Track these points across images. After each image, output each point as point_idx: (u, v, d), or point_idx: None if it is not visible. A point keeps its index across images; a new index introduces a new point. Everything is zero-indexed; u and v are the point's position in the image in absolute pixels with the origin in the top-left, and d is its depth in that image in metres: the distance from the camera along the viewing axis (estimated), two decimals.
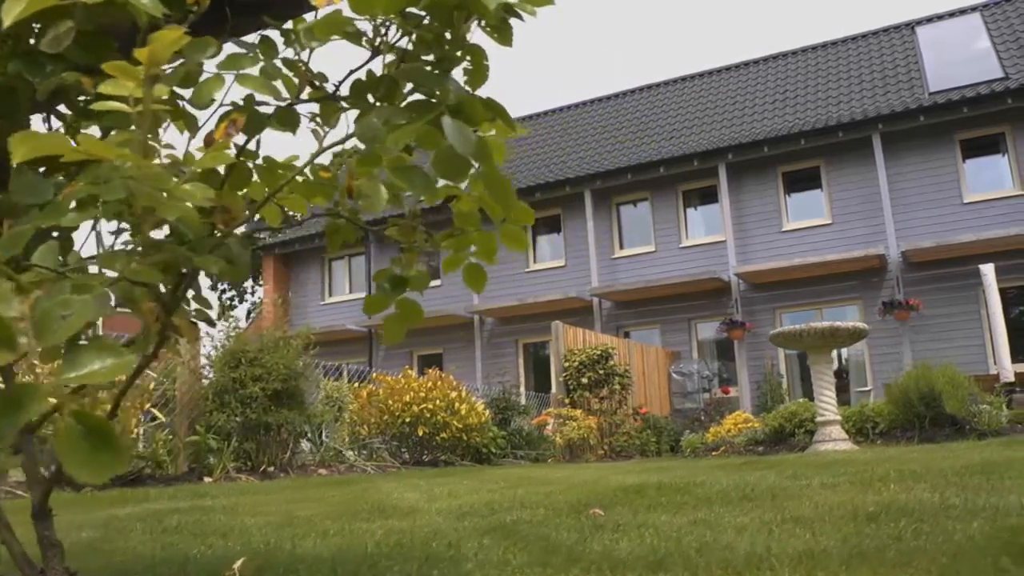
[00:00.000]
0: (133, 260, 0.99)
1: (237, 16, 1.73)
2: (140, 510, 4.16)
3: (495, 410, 11.95)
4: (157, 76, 0.95)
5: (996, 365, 12.62)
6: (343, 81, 1.34)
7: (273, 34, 1.51)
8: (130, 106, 0.98)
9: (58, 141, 0.96)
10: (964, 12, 18.52)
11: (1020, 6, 17.49)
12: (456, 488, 4.94)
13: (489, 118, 1.37)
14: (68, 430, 0.90)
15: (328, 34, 1.16)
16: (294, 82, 1.26)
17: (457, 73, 1.40)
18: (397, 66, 1.23)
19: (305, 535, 2.82)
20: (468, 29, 1.41)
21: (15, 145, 0.90)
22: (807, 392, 13.43)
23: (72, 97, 1.49)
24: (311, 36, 1.18)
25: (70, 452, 0.90)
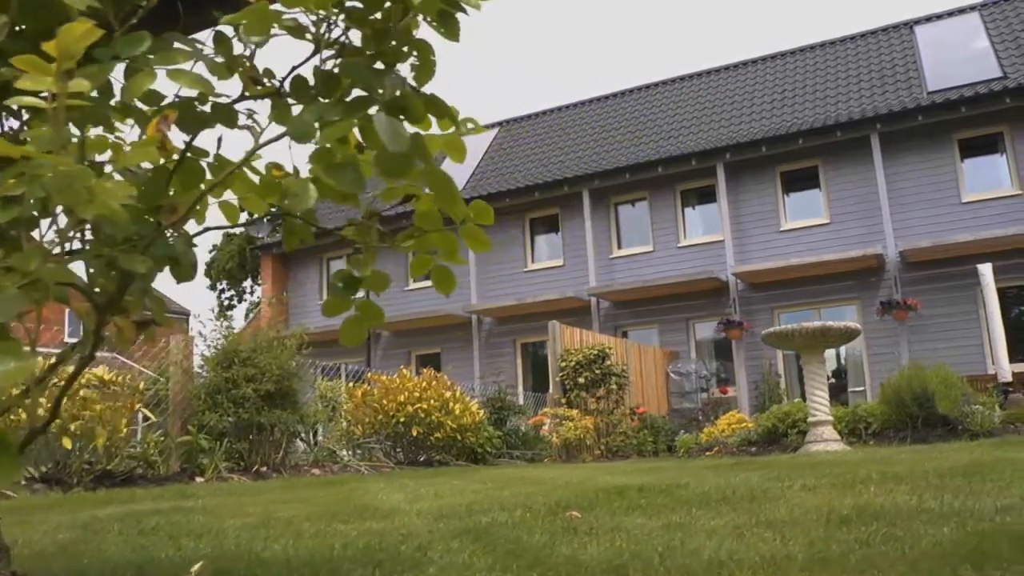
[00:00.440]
0: (49, 260, 0.97)
1: (190, 14, 1.70)
2: (122, 511, 4.14)
3: (490, 410, 11.92)
4: (71, 71, 0.92)
5: (994, 365, 12.57)
6: (287, 77, 1.32)
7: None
8: (47, 102, 0.96)
9: None
10: (963, 12, 18.47)
11: (1019, 6, 17.44)
12: (443, 489, 4.92)
13: (441, 116, 1.35)
14: None
15: (261, 29, 1.13)
16: (226, 73, 1.23)
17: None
18: (335, 62, 1.20)
19: (279, 537, 2.79)
20: (416, 24, 1.39)
21: None
22: (805, 392, 13.39)
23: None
24: (249, 31, 1.16)
25: None
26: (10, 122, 1.57)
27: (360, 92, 1.30)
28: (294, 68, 1.29)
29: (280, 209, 1.71)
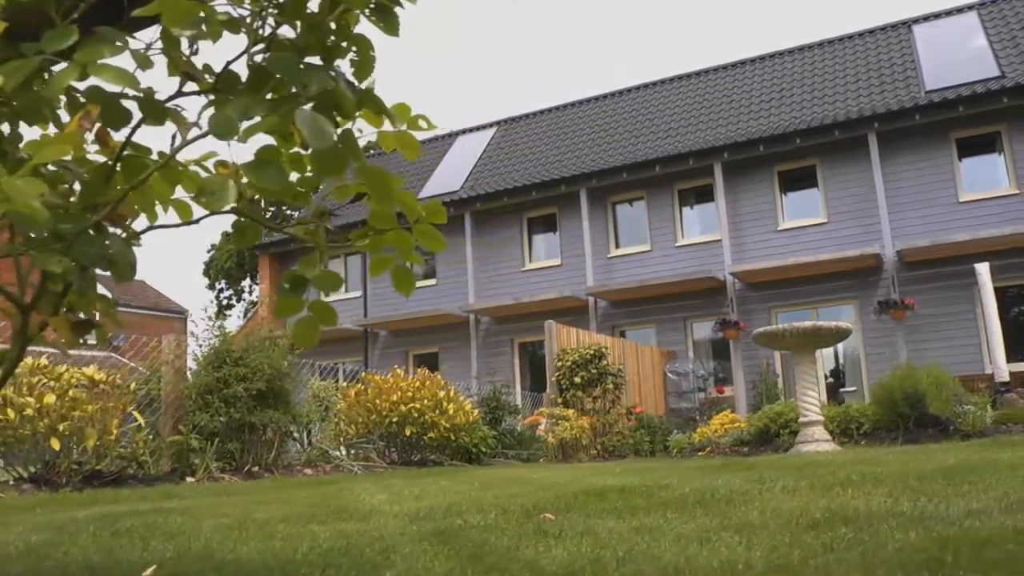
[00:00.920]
0: None
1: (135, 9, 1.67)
2: (103, 511, 4.12)
3: (485, 409, 11.90)
4: None
5: (992, 365, 12.53)
6: (221, 73, 1.29)
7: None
8: None
9: None
10: (961, 11, 18.42)
11: (1017, 5, 17.39)
12: (428, 489, 4.89)
13: (378, 112, 1.32)
14: None
15: (180, 21, 1.11)
16: (149, 65, 1.20)
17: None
18: (264, 56, 1.18)
19: (250, 538, 2.77)
20: (356, 20, 1.36)
21: None
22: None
23: None
24: (167, 22, 1.13)
25: None
26: None
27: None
28: (228, 63, 1.26)
29: (231, 209, 1.69)
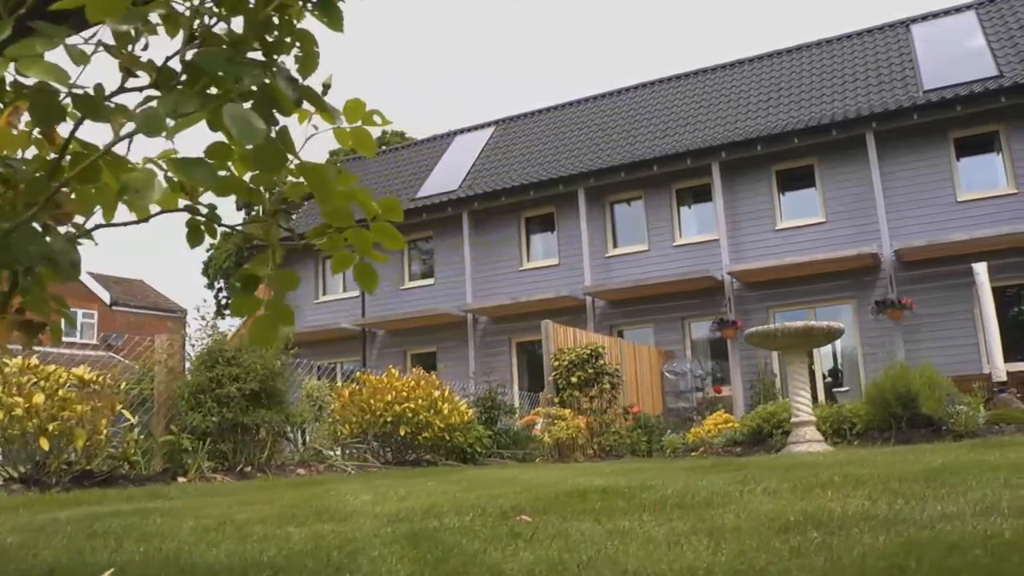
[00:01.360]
0: None
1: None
2: (85, 512, 4.10)
3: (481, 409, 11.87)
4: None
5: (989, 364, 12.50)
6: (160, 69, 1.26)
7: None
8: None
9: None
10: (959, 10, 18.38)
11: (1015, 4, 17.34)
12: (414, 490, 4.87)
13: (321, 109, 1.30)
14: None
15: (107, 13, 1.08)
16: (85, 60, 1.18)
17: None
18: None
19: (225, 540, 2.75)
20: (301, 15, 1.34)
21: None
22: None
23: None
24: (93, 15, 1.10)
25: None
26: None
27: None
28: (167, 59, 1.24)
29: (184, 207, 1.66)
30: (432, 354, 19.85)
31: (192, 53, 1.17)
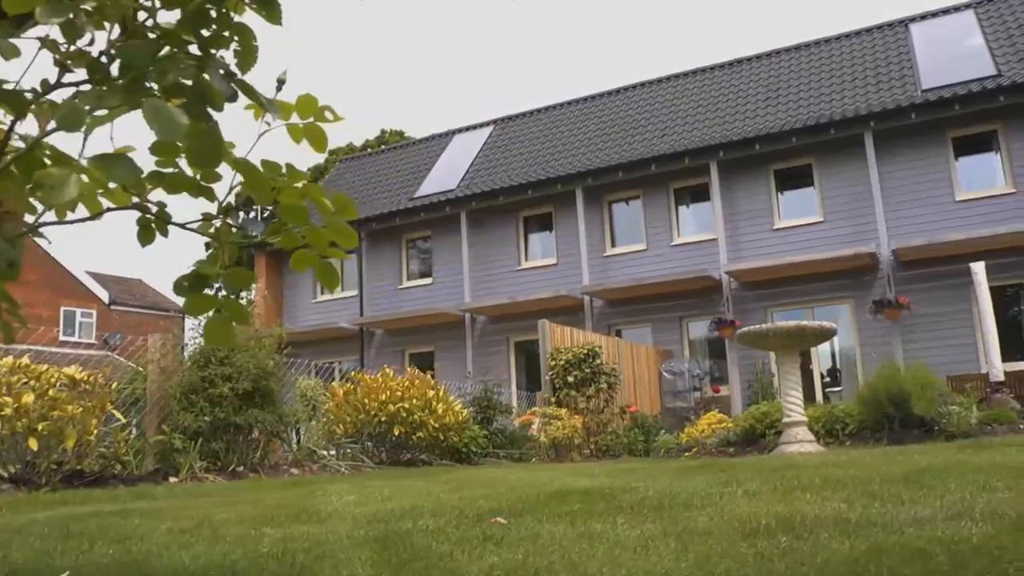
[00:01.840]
0: None
1: None
2: (66, 513, 4.09)
3: (476, 409, 11.85)
4: None
5: (987, 364, 12.46)
6: (91, 64, 1.24)
7: None
8: None
9: None
10: (958, 9, 18.33)
11: (1014, 4, 17.29)
12: (401, 490, 4.85)
13: (258, 103, 1.28)
14: None
15: (24, 5, 1.06)
16: (14, 54, 1.16)
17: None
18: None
19: (198, 542, 2.73)
20: (241, 10, 1.32)
21: None
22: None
23: None
24: (10, 8, 1.08)
25: None
26: None
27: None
28: (100, 54, 1.22)
29: (133, 205, 1.64)
30: (430, 353, 19.84)
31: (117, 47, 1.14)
